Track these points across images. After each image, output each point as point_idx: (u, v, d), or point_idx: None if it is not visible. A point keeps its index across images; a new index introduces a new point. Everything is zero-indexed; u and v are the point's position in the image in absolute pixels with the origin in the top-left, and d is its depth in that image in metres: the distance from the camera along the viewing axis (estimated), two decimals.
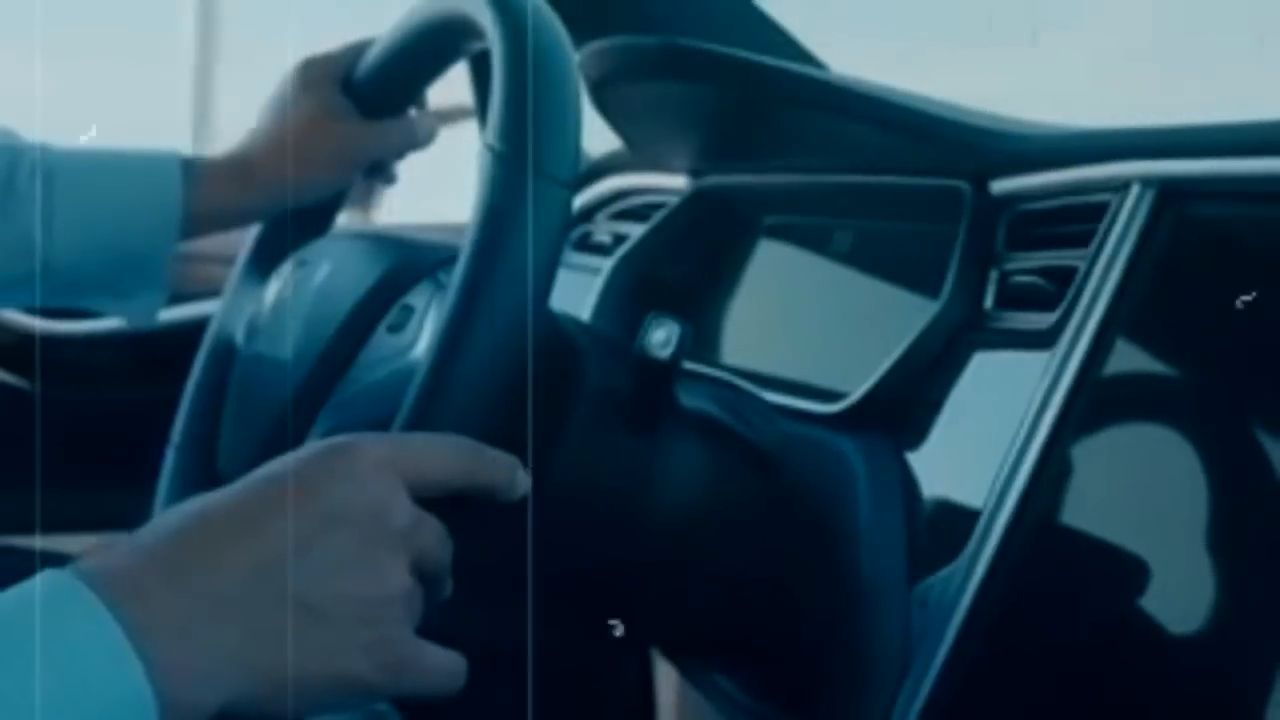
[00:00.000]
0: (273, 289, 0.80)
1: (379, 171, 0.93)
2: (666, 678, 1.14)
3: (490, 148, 0.63)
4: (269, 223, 0.90)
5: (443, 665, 0.56)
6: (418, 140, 0.91)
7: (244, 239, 0.91)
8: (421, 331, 0.69)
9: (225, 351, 0.83)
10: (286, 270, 0.79)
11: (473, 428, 0.61)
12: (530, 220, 0.62)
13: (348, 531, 0.53)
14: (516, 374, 0.63)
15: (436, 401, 0.61)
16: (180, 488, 0.81)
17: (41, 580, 0.50)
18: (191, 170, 0.88)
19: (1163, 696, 0.62)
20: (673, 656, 1.06)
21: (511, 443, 0.65)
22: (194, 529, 0.52)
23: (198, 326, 0.90)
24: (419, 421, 0.61)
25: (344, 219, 0.94)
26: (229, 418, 0.80)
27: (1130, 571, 0.64)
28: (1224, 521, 0.62)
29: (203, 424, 0.82)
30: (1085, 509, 0.68)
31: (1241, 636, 0.60)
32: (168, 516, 0.53)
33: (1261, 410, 0.63)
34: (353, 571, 0.53)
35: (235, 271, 0.88)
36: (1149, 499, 0.66)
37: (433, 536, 0.56)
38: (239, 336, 0.83)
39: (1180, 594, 0.62)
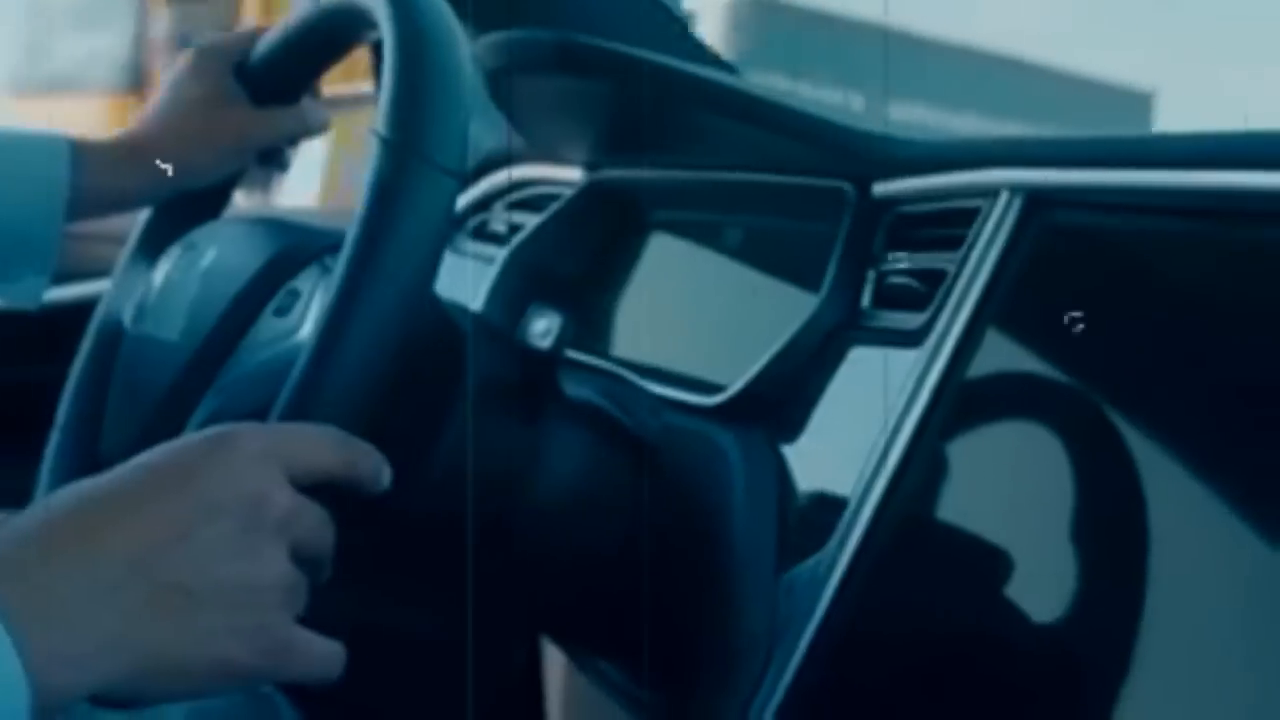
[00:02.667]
0: (161, 271, 0.80)
1: (272, 158, 0.94)
2: (554, 662, 1.16)
3: (378, 135, 0.64)
4: (159, 206, 0.90)
5: (321, 652, 0.57)
6: (309, 128, 0.92)
7: (134, 220, 0.91)
8: (307, 315, 0.70)
9: (112, 333, 0.83)
10: (175, 253, 0.80)
11: (352, 415, 0.62)
12: (415, 208, 0.63)
13: (228, 519, 0.54)
14: (399, 361, 0.64)
15: (316, 388, 0.61)
16: (63, 469, 0.81)
17: None
18: (80, 152, 0.88)
19: (1019, 683, 0.64)
20: (559, 642, 1.08)
21: (395, 429, 0.66)
22: (75, 514, 0.53)
23: (86, 307, 0.89)
24: (299, 407, 0.61)
25: (242, 203, 0.95)
26: (114, 400, 0.80)
27: (989, 563, 0.67)
28: (1080, 515, 0.65)
29: (87, 406, 0.82)
30: (947, 502, 0.70)
31: (1096, 626, 0.62)
32: (49, 500, 0.53)
33: (1116, 409, 0.65)
34: (232, 558, 0.54)
35: (125, 253, 0.89)
36: (1008, 493, 0.68)
37: (313, 524, 0.57)
38: (126, 318, 0.83)
39: (1037, 585, 0.65)
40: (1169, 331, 0.64)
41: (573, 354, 0.83)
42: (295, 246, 0.74)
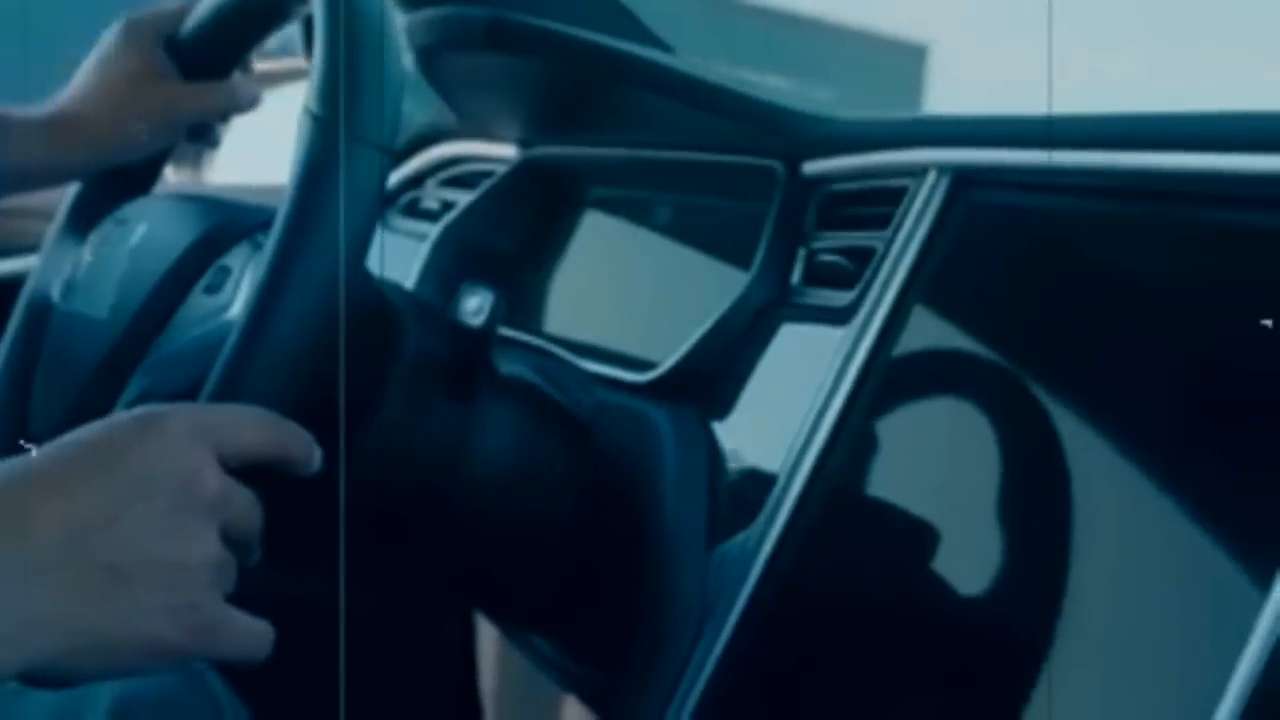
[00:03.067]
0: (90, 247, 0.80)
1: (202, 134, 0.93)
2: (488, 638, 1.16)
3: (308, 111, 0.64)
4: (88, 180, 0.90)
5: (249, 631, 0.57)
6: (239, 104, 0.91)
7: (63, 195, 0.91)
8: (238, 293, 0.70)
9: (41, 309, 0.82)
10: (105, 228, 0.79)
11: (282, 393, 0.62)
12: (345, 184, 0.63)
13: (158, 499, 0.54)
14: (330, 339, 0.64)
15: (246, 367, 0.61)
16: None
17: None
18: (7, 125, 0.87)
19: (944, 653, 0.65)
20: (493, 617, 1.09)
21: (327, 408, 0.66)
22: (3, 493, 0.53)
23: (14, 283, 0.89)
24: (229, 386, 0.61)
25: (173, 179, 0.94)
26: (42, 377, 0.79)
27: (915, 536, 0.68)
28: (1004, 489, 0.66)
29: (15, 383, 0.81)
30: (875, 477, 0.71)
31: (1018, 597, 0.63)
32: None
33: (1040, 386, 0.66)
34: (162, 537, 0.54)
35: (53, 228, 0.88)
36: (934, 468, 0.69)
37: (243, 505, 0.58)
38: (55, 294, 0.82)
39: (961, 556, 0.66)
40: (1093, 310, 0.65)
41: (506, 331, 0.83)
42: (226, 223, 0.74)
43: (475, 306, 0.70)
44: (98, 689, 0.82)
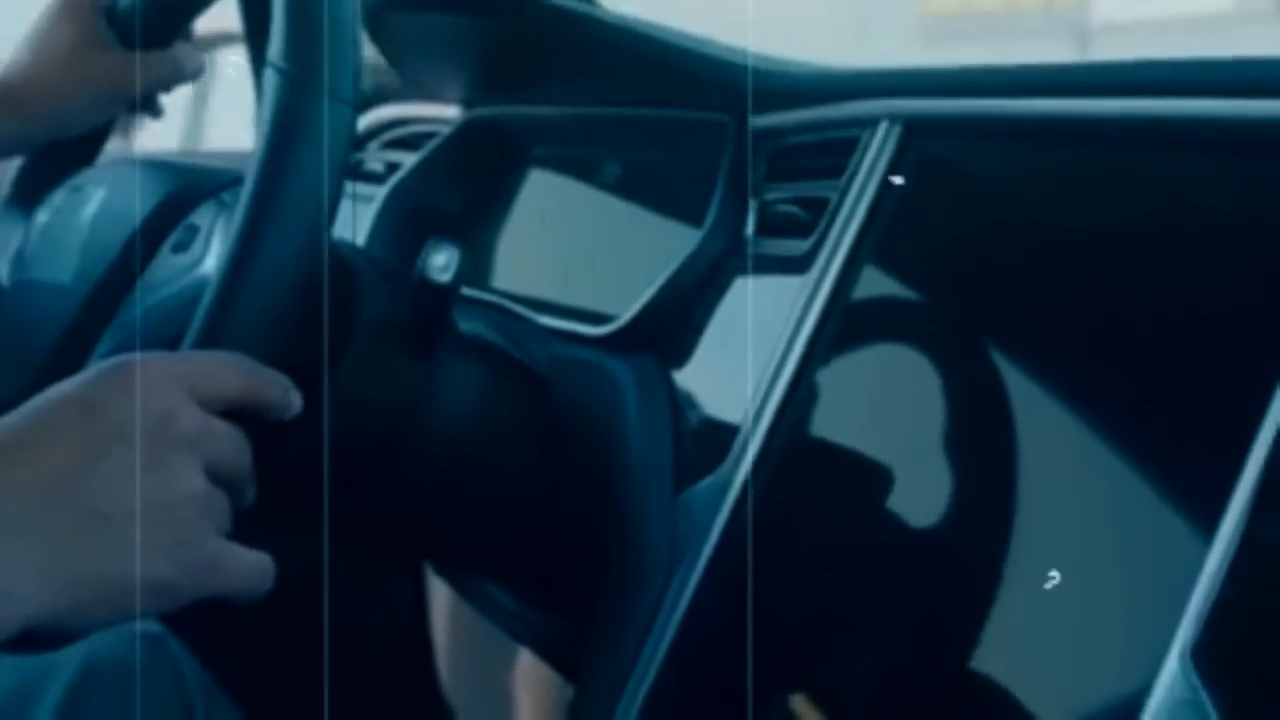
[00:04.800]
0: (42, 217, 0.79)
1: (145, 104, 0.93)
2: (439, 593, 1.17)
3: (275, 67, 0.64)
4: (31, 154, 0.89)
5: (249, 565, 0.58)
6: (184, 73, 0.91)
7: (5, 169, 0.90)
8: (208, 250, 0.70)
9: None
10: (58, 198, 0.79)
11: (259, 345, 0.62)
12: (316, 139, 0.63)
13: (137, 441, 0.55)
14: (301, 296, 0.65)
15: (225, 318, 0.62)
16: None
17: None
18: None
19: (900, 585, 0.67)
20: (446, 571, 1.10)
21: (292, 364, 0.67)
22: None
23: None
24: (207, 338, 0.62)
25: (115, 149, 0.94)
26: (1, 346, 0.79)
27: (874, 478, 0.70)
28: (957, 429, 0.68)
29: None
30: (835, 421, 0.73)
31: (970, 534, 0.65)
32: None
33: (991, 330, 0.69)
34: (144, 478, 0.55)
35: None
36: (891, 411, 0.71)
37: (224, 440, 0.58)
38: (3, 269, 0.82)
39: (918, 497, 0.68)
40: (1044, 256, 0.67)
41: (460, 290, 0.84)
42: (189, 183, 0.74)
43: (443, 262, 0.71)
44: (59, 660, 0.82)
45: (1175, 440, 0.57)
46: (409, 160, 1.07)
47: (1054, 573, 0.60)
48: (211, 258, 0.70)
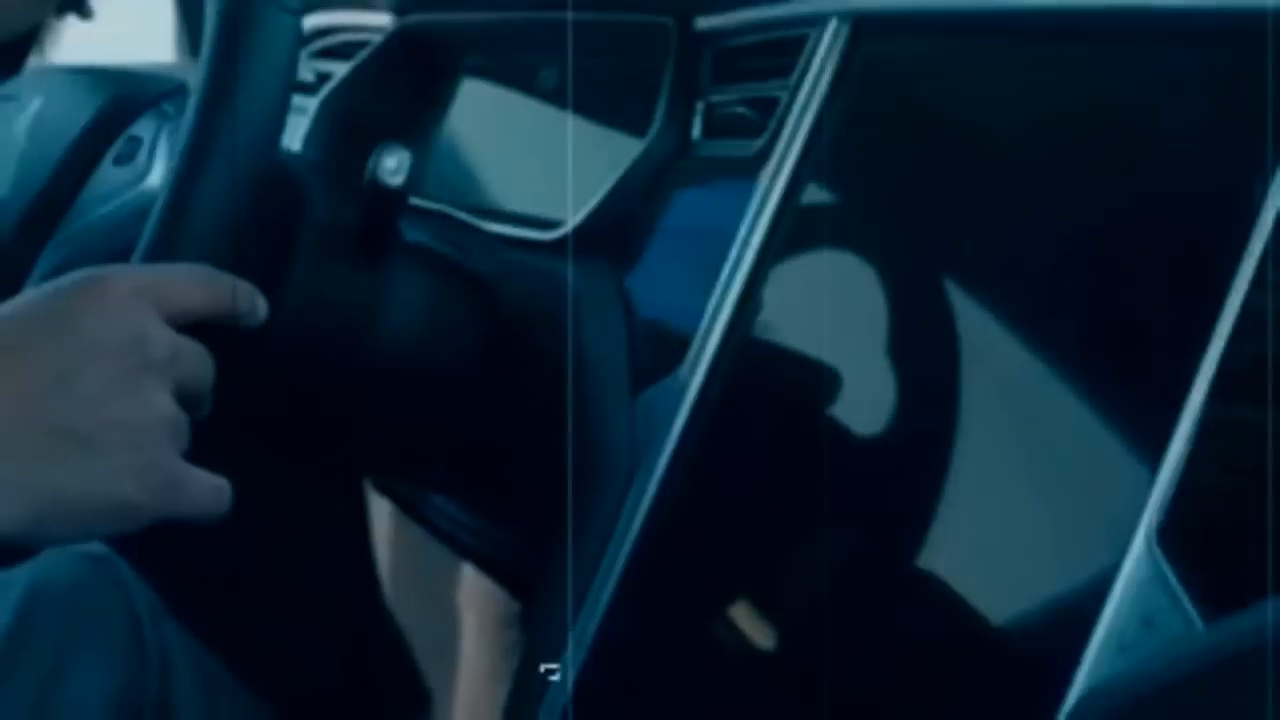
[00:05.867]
0: None
1: (74, 5, 0.90)
2: (381, 511, 1.17)
3: None
4: None
5: (210, 487, 0.58)
6: None
7: None
8: (153, 163, 0.69)
9: None
10: None
11: (214, 257, 0.62)
12: (263, 47, 0.62)
13: (109, 361, 0.54)
14: (253, 206, 0.64)
15: (178, 231, 0.61)
16: None
17: None
18: None
19: (848, 483, 0.68)
20: (388, 488, 1.09)
21: (245, 275, 0.66)
22: None
23: None
24: (160, 251, 0.61)
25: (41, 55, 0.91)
26: None
27: (824, 379, 0.70)
28: (904, 334, 0.68)
29: None
30: (787, 323, 0.73)
31: (914, 430, 0.66)
32: None
33: (943, 230, 0.69)
34: (117, 399, 0.54)
35: None
36: (842, 313, 0.72)
37: (193, 360, 0.58)
38: None
39: (865, 398, 0.69)
40: (995, 156, 0.68)
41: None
42: (128, 93, 0.73)
43: (394, 165, 0.70)
44: (6, 579, 0.81)
45: (1137, 327, 0.58)
46: (341, 70, 1.05)
47: (1019, 462, 0.61)
48: (157, 171, 0.69)
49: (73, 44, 1.04)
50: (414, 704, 1.13)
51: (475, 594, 1.11)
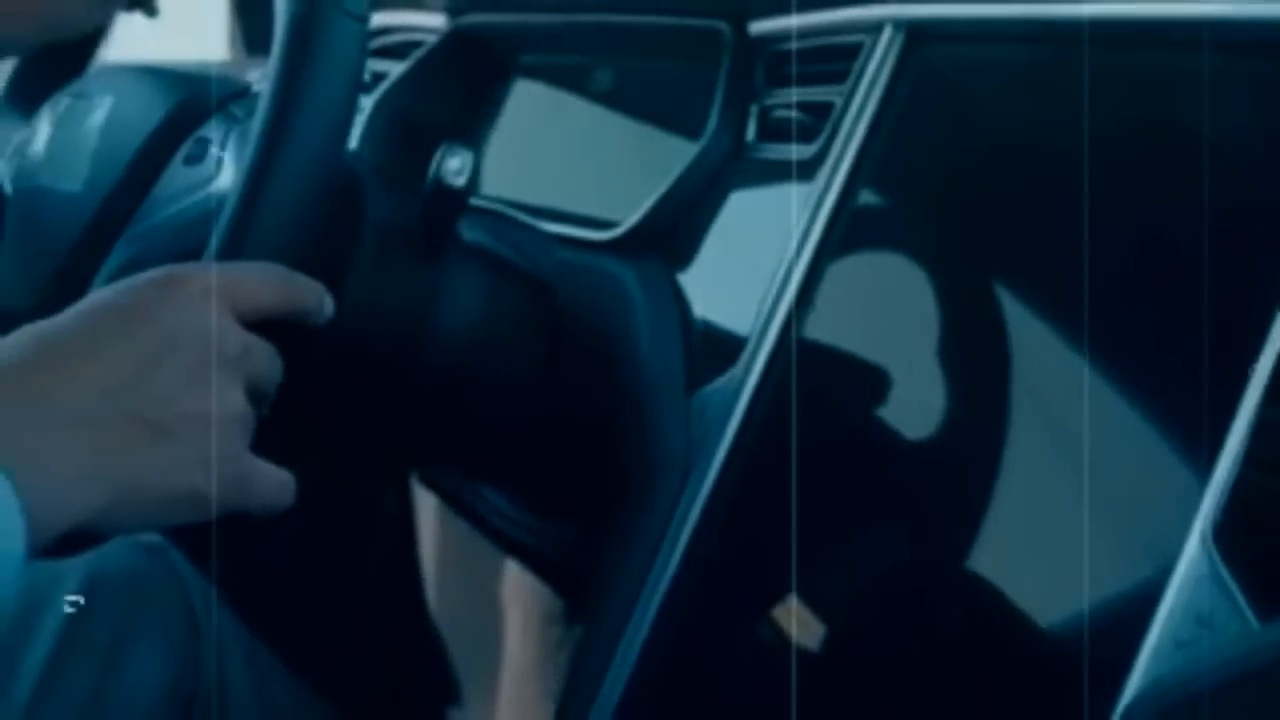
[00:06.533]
0: (46, 123, 0.79)
1: (141, 4, 0.91)
2: (426, 506, 1.18)
3: None
4: (24, 59, 0.88)
5: (275, 481, 0.60)
6: None
7: None
8: (222, 164, 0.70)
9: None
10: (61, 104, 0.78)
11: (281, 257, 0.63)
12: (331, 51, 0.64)
13: (185, 356, 0.56)
14: (320, 207, 0.66)
15: (249, 232, 0.63)
16: None
17: None
18: None
19: (899, 479, 0.69)
20: (434, 483, 1.10)
21: (314, 272, 0.67)
22: (35, 353, 0.54)
23: None
24: (232, 250, 0.62)
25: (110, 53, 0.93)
26: (9, 250, 0.79)
27: (877, 380, 0.71)
28: (956, 336, 0.69)
29: None
30: (840, 325, 0.74)
31: (967, 431, 0.67)
32: (5, 342, 0.54)
33: (998, 234, 0.70)
34: (192, 392, 0.56)
35: None
36: (894, 316, 0.72)
37: (263, 359, 0.59)
38: (4, 173, 0.81)
39: (918, 400, 0.69)
40: (1051, 163, 0.68)
41: None
42: (196, 94, 0.74)
43: (458, 166, 0.71)
44: (65, 568, 0.83)
45: (1191, 328, 0.59)
46: (395, 70, 1.06)
47: (1073, 464, 0.61)
48: (226, 173, 0.70)
49: (124, 38, 1.06)
50: (445, 702, 1.14)
51: (519, 590, 1.12)
